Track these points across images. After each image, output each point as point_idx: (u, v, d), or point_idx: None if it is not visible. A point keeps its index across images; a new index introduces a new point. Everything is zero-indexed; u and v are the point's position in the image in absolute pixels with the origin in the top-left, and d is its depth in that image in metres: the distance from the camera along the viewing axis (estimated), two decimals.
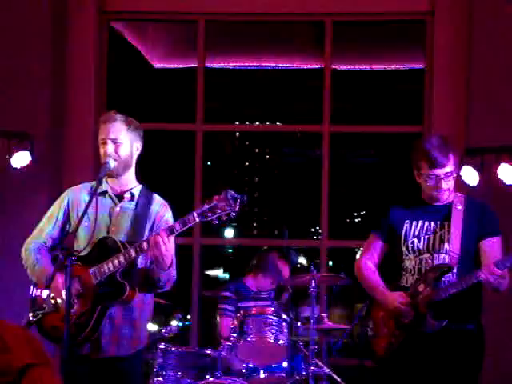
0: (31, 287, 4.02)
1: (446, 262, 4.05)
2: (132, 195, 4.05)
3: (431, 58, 6.84)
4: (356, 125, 7.93)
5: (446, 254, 4.06)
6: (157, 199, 4.10)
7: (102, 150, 4.00)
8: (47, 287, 3.85)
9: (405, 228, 4.15)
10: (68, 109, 6.93)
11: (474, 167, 6.09)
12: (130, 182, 4.09)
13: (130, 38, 7.88)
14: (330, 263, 8.59)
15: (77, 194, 4.09)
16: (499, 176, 6.07)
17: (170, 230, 3.74)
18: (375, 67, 8.03)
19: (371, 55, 7.93)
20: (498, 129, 6.30)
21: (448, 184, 4.05)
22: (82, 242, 3.90)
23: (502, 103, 6.40)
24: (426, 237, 4.10)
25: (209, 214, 3.66)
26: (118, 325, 3.92)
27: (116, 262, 3.78)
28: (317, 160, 7.38)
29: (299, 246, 8.31)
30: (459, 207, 4.09)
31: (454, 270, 4.03)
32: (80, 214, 3.83)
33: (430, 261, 4.07)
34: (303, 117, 8.25)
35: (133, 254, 3.77)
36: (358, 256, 4.56)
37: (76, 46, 6.96)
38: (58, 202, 4.12)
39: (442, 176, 4.00)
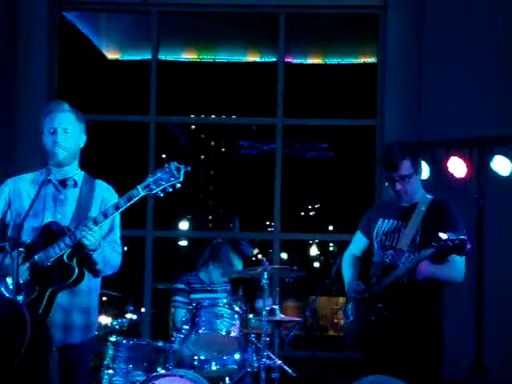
0: None
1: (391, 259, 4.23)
2: (75, 182, 4.04)
3: (383, 52, 6.88)
4: (309, 118, 7.94)
5: (394, 250, 4.25)
6: (100, 184, 4.10)
7: (49, 139, 3.96)
8: None
9: (377, 225, 4.37)
10: (18, 101, 6.82)
11: (425, 161, 6.15)
12: (73, 169, 4.08)
13: (82, 29, 7.79)
14: (284, 256, 8.61)
15: (18, 184, 4.07)
16: (449, 169, 6.14)
17: (115, 207, 3.74)
18: (329, 61, 8.06)
19: (325, 49, 7.95)
20: (448, 123, 6.37)
21: (404, 186, 4.21)
22: (28, 232, 3.86)
23: (452, 97, 6.47)
24: (392, 235, 4.30)
25: (153, 187, 3.65)
26: (68, 312, 3.90)
27: (62, 244, 3.77)
28: (272, 153, 7.39)
29: (253, 238, 8.32)
30: (422, 208, 4.24)
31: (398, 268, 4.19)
32: (26, 205, 3.81)
33: (390, 257, 4.24)
34: (258, 110, 8.25)
35: (78, 235, 3.75)
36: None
37: (27, 36, 6.85)
38: None
39: (397, 178, 4.19)
